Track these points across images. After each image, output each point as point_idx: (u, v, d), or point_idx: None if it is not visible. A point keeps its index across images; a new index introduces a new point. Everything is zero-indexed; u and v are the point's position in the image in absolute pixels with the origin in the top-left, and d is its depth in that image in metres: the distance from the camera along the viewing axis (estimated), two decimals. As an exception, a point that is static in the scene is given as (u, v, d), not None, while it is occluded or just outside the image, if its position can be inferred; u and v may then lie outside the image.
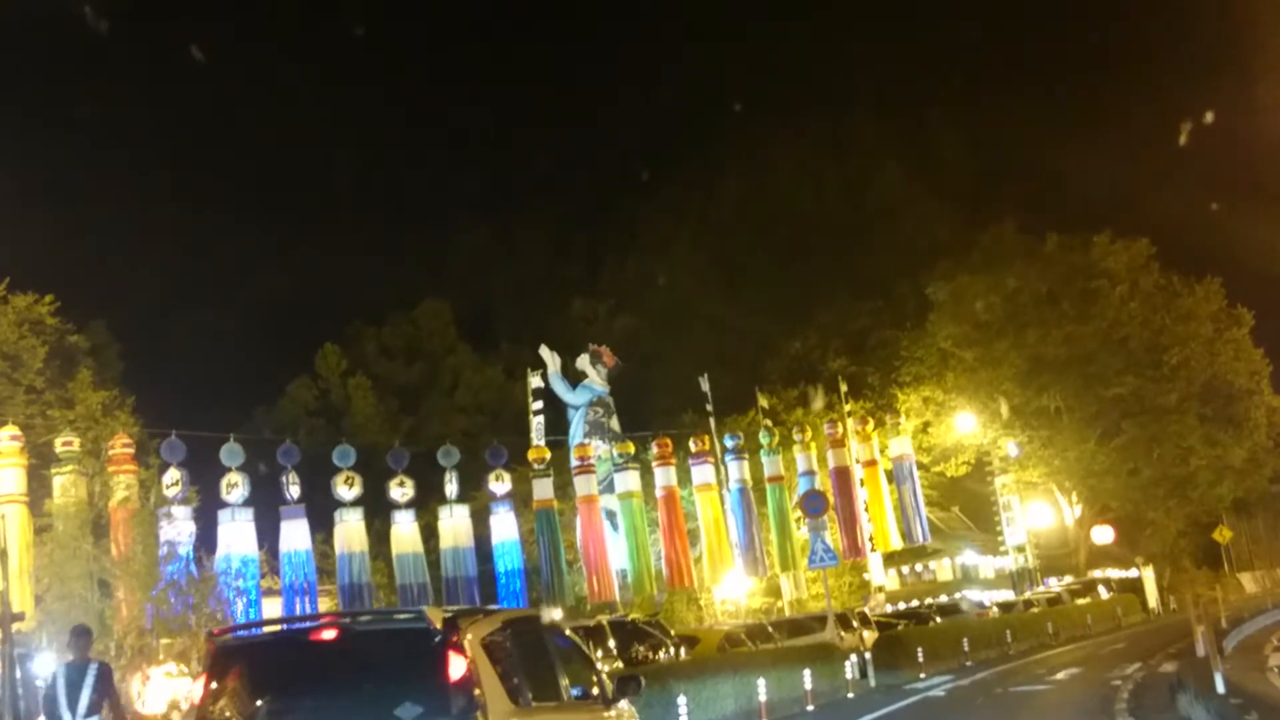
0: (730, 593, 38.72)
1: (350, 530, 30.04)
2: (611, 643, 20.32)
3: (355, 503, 30.14)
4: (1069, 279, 48.49)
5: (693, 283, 69.14)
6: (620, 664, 19.88)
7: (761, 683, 18.92)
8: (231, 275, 71.05)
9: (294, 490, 29.08)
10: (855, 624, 31.92)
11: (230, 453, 28.44)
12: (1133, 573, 51.23)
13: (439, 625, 6.89)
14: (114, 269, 57.97)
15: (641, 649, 21.79)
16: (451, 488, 31.90)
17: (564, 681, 8.01)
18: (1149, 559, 51.46)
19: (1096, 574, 50.47)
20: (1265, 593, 55.66)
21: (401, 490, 31.05)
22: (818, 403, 43.94)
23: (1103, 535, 50.34)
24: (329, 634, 7.36)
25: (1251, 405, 48.56)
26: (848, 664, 22.85)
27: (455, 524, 31.74)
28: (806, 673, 20.44)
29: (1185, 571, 55.53)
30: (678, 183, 77.89)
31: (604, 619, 22.80)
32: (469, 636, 6.93)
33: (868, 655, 24.96)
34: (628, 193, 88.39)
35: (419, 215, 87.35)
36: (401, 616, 8.11)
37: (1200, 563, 56.84)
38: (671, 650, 22.16)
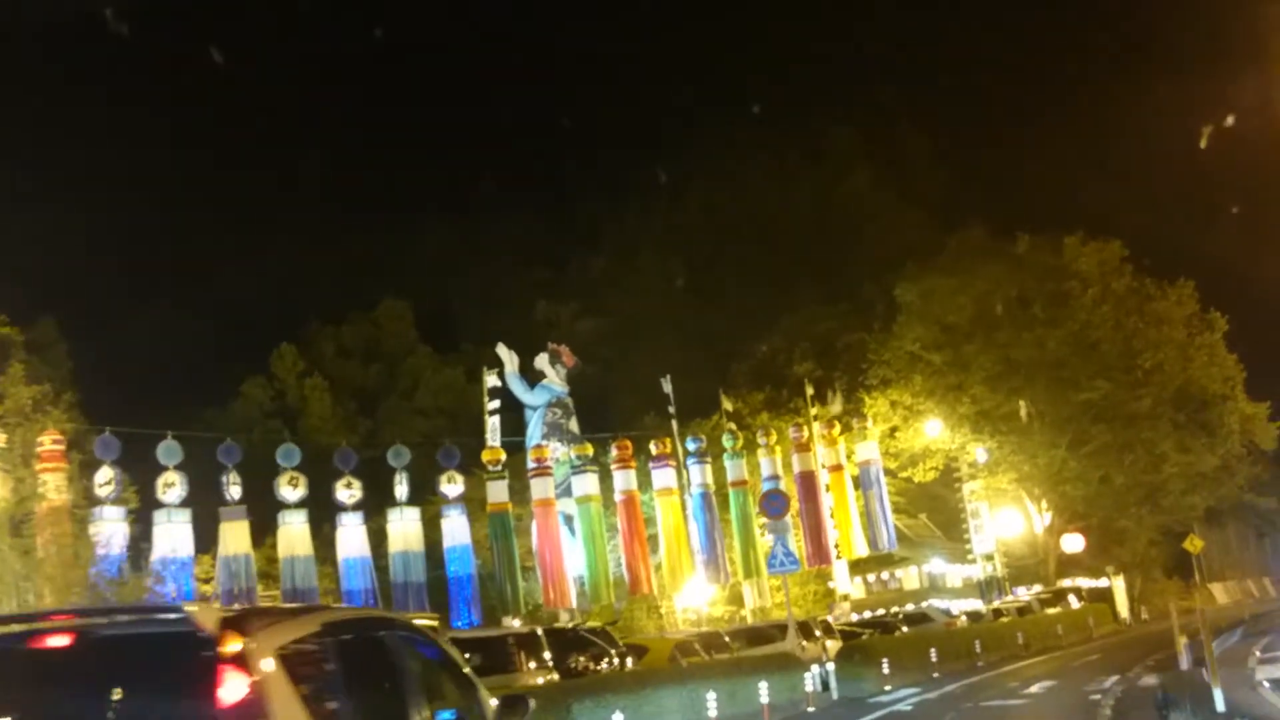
0: (692, 600, 37.68)
1: (294, 533, 28.95)
2: (547, 654, 18.77)
3: (301, 504, 29.10)
4: (1040, 281, 47.42)
5: (659, 286, 68.68)
6: (556, 676, 18.45)
7: (712, 696, 17.64)
8: (190, 275, 69.54)
9: (235, 490, 27.98)
10: (818, 633, 30.60)
11: (167, 451, 27.30)
12: (1103, 582, 50.38)
13: (211, 629, 4.96)
14: (68, 268, 56.49)
15: (582, 659, 20.22)
16: (401, 489, 30.85)
17: (420, 705, 6.00)
18: (1119, 568, 50.58)
19: (1066, 583, 49.57)
20: (1236, 604, 55.18)
21: (349, 492, 29.98)
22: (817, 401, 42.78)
23: (1073, 543, 49.35)
24: (59, 640, 5.25)
25: (1225, 411, 47.63)
26: (808, 675, 21.56)
27: (405, 527, 30.69)
28: (763, 685, 18.99)
29: (1156, 581, 54.69)
30: (645, 186, 77.43)
31: (538, 626, 21.34)
32: (256, 645, 4.98)
33: (830, 666, 23.73)
34: (595, 195, 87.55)
35: (383, 216, 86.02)
36: (163, 616, 5.68)
37: (1171, 573, 56.03)
38: (616, 661, 20.56)
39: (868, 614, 42.66)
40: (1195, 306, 47.97)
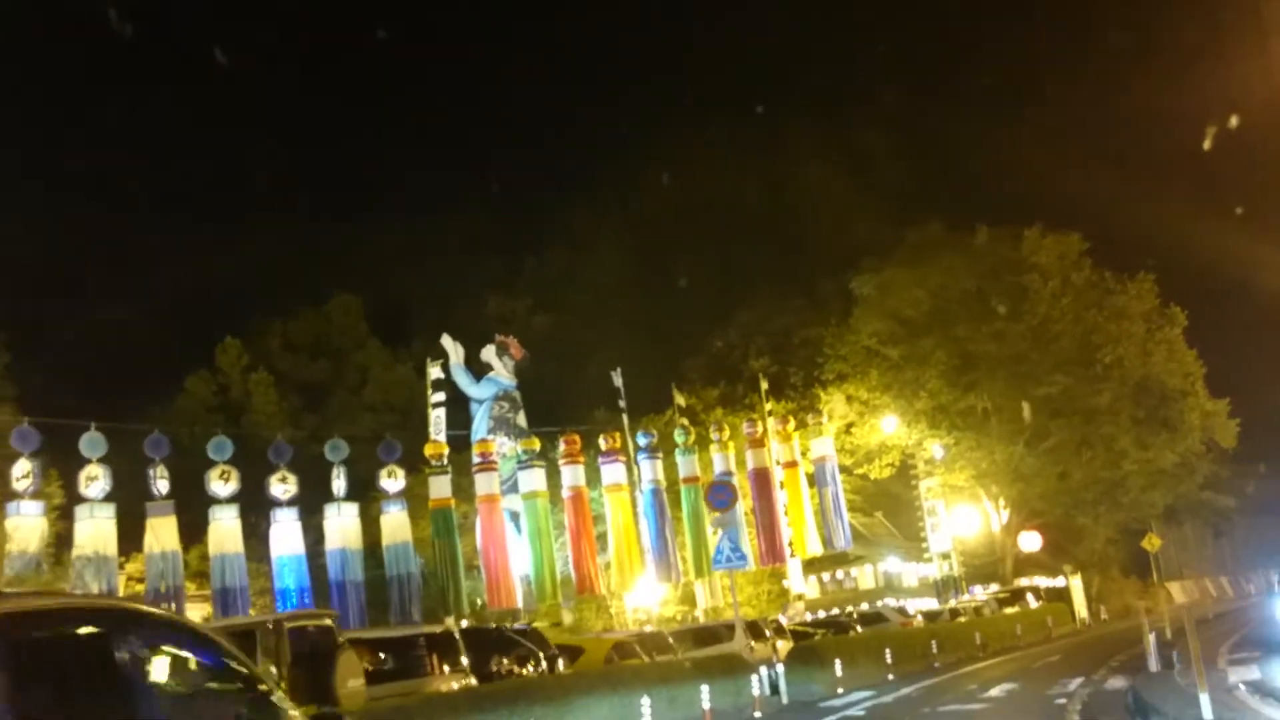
0: (643, 600, 36.71)
1: (224, 529, 27.74)
2: (464, 656, 17.12)
3: (232, 499, 27.91)
4: (999, 274, 46.71)
5: (614, 282, 68.02)
6: (472, 680, 16.98)
7: (647, 702, 16.31)
8: (138, 271, 68.23)
9: (162, 484, 26.76)
10: (768, 633, 29.35)
11: (90, 443, 26.03)
12: (1060, 581, 49.72)
13: None
14: (6, 262, 55.17)
15: (506, 662, 18.77)
16: (339, 484, 29.68)
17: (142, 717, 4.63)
18: (1077, 567, 49.93)
19: (1024, 582, 48.84)
20: (1194, 603, 54.59)
21: (284, 487, 28.77)
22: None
23: (1030, 542, 48.69)
24: None
25: (1185, 407, 47.04)
26: (755, 678, 20.23)
27: (343, 524, 29.53)
28: (704, 689, 17.73)
29: (1114, 581, 54.15)
30: (601, 181, 76.70)
31: (453, 625, 19.87)
32: None
33: (780, 668, 22.53)
34: (550, 190, 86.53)
35: (336, 211, 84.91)
36: None
37: (1129, 572, 55.56)
38: (544, 663, 19.11)
39: (822, 614, 41.69)
40: (1155, 301, 47.41)
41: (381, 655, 16.72)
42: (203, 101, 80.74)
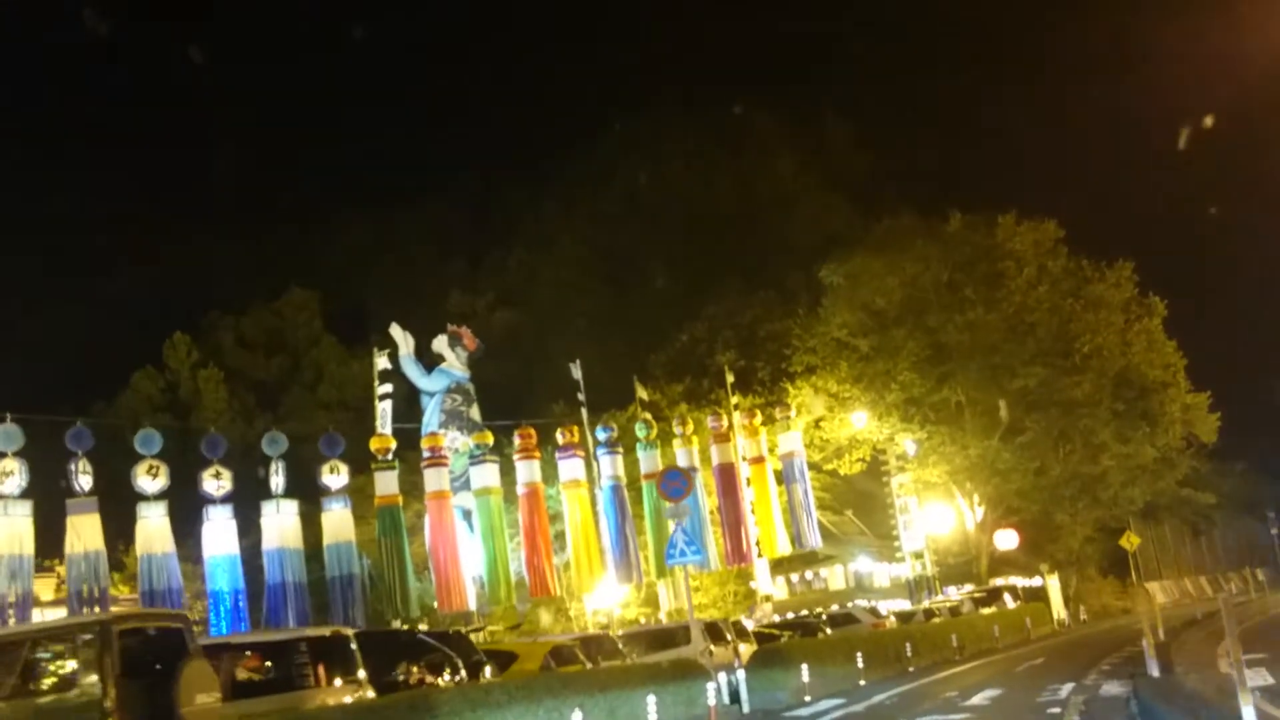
0: (605, 602, 35.13)
1: (152, 528, 25.93)
2: (361, 668, 14.85)
3: (161, 496, 26.14)
4: (972, 261, 45.15)
5: (579, 277, 67.00)
6: (370, 693, 14.65)
7: (578, 716, 14.02)
8: (89, 269, 66.69)
9: (85, 480, 24.93)
10: (729, 636, 27.14)
11: (5, 436, 24.18)
12: (1036, 581, 48.21)
13: None
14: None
15: (416, 670, 16.28)
16: (278, 479, 27.86)
17: None
18: (1053, 566, 48.41)
19: (999, 582, 47.21)
20: (1175, 603, 53.21)
21: (217, 482, 27.00)
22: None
23: (1007, 540, 47.18)
24: None
25: (1167, 399, 45.63)
26: (712, 685, 17.93)
27: (282, 522, 27.69)
28: (650, 700, 15.54)
29: (1091, 581, 52.72)
30: (567, 176, 75.29)
31: (347, 629, 17.47)
32: None
33: (740, 674, 20.49)
34: (515, 186, 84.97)
35: (296, 209, 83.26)
36: None
37: (1106, 571, 54.20)
38: (464, 672, 16.54)
39: (791, 615, 40.06)
40: (1134, 290, 46.00)
41: (252, 664, 14.73)
42: (162, 97, 79.52)
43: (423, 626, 26.09)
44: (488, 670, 16.90)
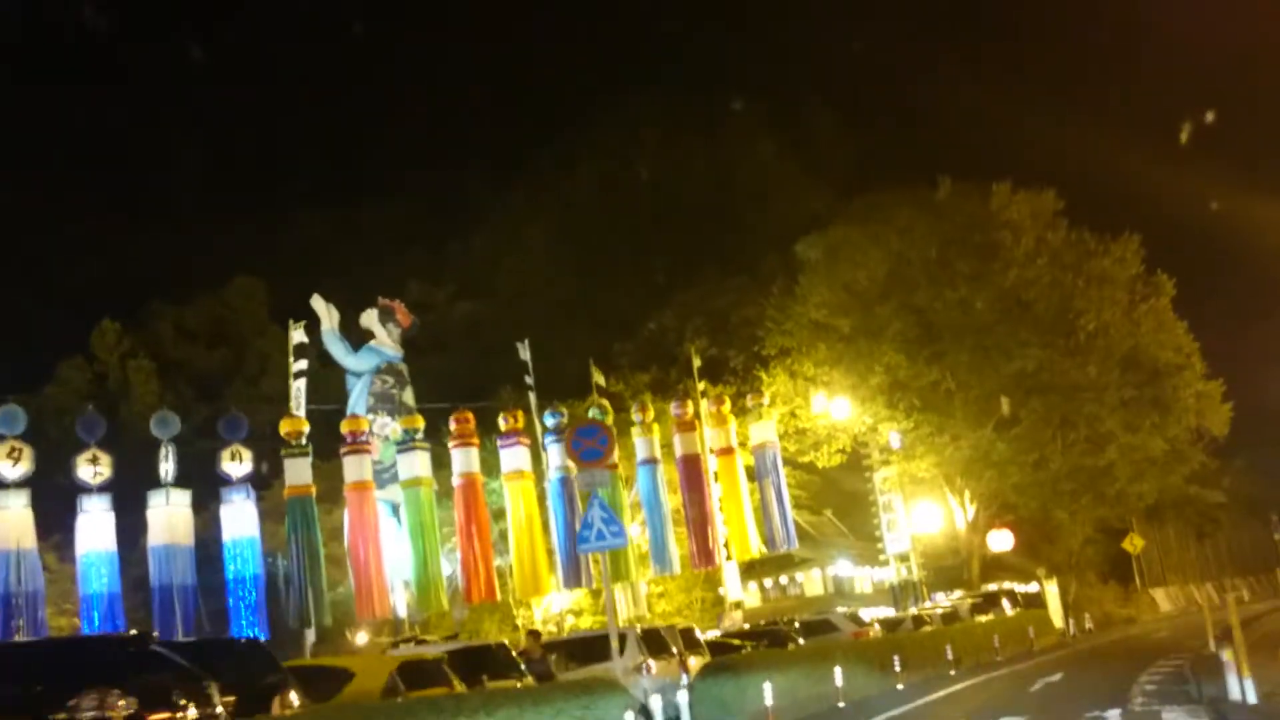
0: (555, 608, 31.66)
1: (12, 519, 22.37)
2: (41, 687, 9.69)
3: (23, 484, 22.63)
4: (965, 231, 41.51)
5: (546, 267, 64.32)
6: None
7: None
8: (21, 255, 63.27)
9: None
10: (674, 646, 22.03)
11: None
12: (1033, 587, 44.72)
13: None
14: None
15: (123, 704, 9.77)
16: (167, 466, 24.30)
17: None
18: (1051, 570, 44.83)
19: (993, 587, 43.54)
20: (1183, 611, 49.76)
21: (93, 469, 23.53)
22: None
23: (1000, 541, 43.68)
24: None
25: (1180, 383, 42.05)
26: (629, 714, 13.85)
27: (171, 514, 24.12)
28: None
29: (1091, 586, 49.14)
30: (534, 166, 72.87)
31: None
32: None
33: (682, 695, 16.31)
34: (477, 174, 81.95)
35: (252, 199, 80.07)
36: None
37: (1107, 576, 50.87)
38: (218, 703, 10.76)
39: (762, 623, 36.26)
40: (1140, 267, 42.44)
41: None
42: (124, 88, 77.20)
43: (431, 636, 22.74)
44: (292, 696, 12.33)
